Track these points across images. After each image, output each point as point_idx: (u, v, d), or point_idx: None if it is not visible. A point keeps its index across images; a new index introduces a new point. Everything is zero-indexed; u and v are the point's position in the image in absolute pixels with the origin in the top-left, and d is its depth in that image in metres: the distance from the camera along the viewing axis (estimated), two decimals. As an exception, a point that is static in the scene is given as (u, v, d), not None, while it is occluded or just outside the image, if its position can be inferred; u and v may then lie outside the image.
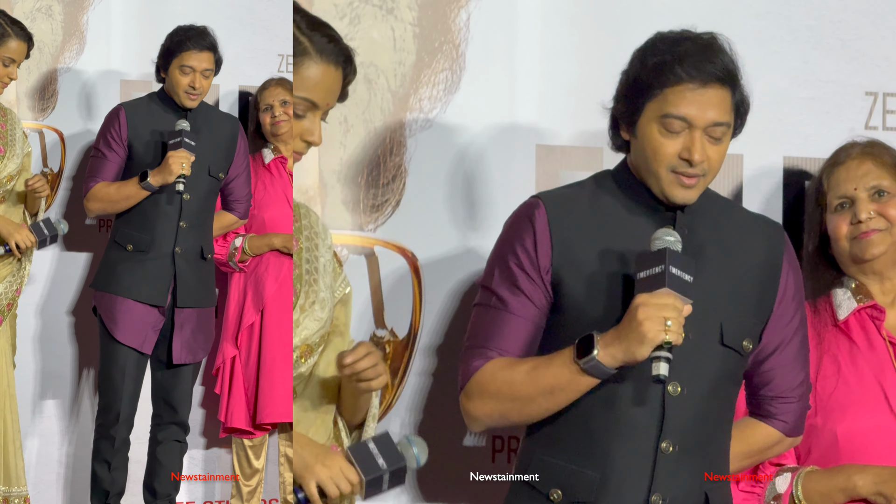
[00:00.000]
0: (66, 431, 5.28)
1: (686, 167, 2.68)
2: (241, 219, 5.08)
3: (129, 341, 4.75)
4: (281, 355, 5.03)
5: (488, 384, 2.71)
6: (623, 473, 2.68)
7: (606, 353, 2.59)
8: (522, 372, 2.68)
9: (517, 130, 3.45)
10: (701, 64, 2.67)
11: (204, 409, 5.27)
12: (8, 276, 4.79)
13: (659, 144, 2.69)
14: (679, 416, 2.69)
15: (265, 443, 5.19)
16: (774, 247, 2.86)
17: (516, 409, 2.70)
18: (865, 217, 3.11)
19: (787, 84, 3.48)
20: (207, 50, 4.80)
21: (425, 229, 3.43)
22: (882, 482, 2.95)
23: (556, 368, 2.65)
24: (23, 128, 4.95)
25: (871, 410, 3.04)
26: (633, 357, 2.57)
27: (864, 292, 3.16)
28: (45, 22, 5.37)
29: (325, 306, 2.83)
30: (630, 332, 2.56)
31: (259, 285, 5.08)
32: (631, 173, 2.80)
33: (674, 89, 2.67)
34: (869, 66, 3.50)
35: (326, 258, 2.92)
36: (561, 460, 2.72)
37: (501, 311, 2.76)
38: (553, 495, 2.71)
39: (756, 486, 3.06)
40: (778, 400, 2.89)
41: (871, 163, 3.15)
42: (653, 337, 2.54)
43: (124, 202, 4.75)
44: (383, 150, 3.45)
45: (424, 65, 3.45)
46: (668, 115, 2.67)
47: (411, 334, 3.43)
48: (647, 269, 2.61)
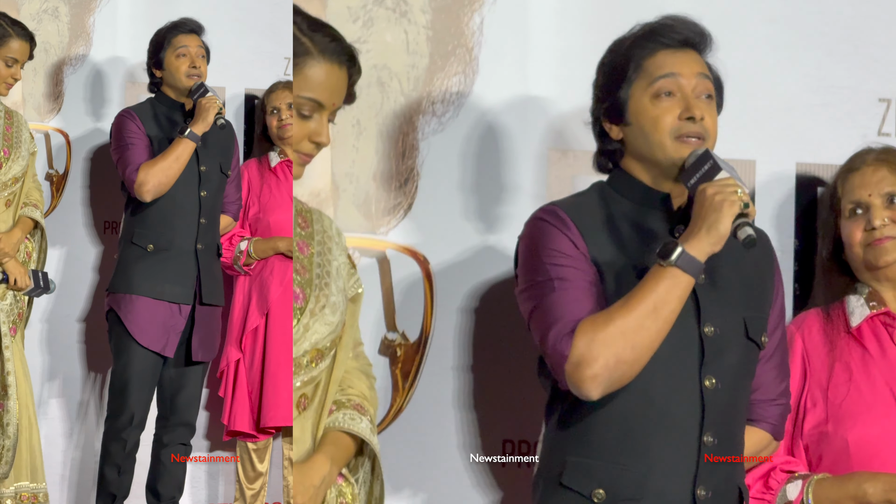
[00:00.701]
0: (71, 433, 5.28)
1: (689, 126, 2.72)
2: (235, 220, 5.09)
3: (150, 344, 4.74)
4: (285, 359, 5.03)
5: (593, 337, 2.60)
6: (667, 468, 2.68)
7: (691, 245, 2.59)
8: (619, 308, 2.61)
9: (530, 134, 3.45)
10: (670, 30, 2.78)
11: (208, 412, 5.27)
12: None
13: (656, 114, 2.74)
14: (716, 409, 2.71)
15: (269, 446, 5.18)
16: (767, 252, 2.91)
17: (629, 345, 2.58)
18: (879, 224, 3.11)
19: (800, 90, 3.48)
20: (194, 32, 4.83)
21: (437, 232, 3.42)
22: (892, 490, 2.95)
23: (650, 286, 2.60)
24: (30, 129, 4.96)
25: (883, 418, 3.04)
26: (718, 232, 2.58)
27: (877, 299, 3.16)
28: (51, 23, 5.37)
29: (337, 310, 2.82)
30: (705, 211, 2.59)
31: (264, 289, 5.08)
32: (628, 175, 2.82)
33: (652, 59, 2.76)
34: (882, 72, 3.50)
35: (340, 261, 2.91)
36: (600, 460, 2.69)
37: (566, 290, 2.68)
38: (596, 496, 2.67)
39: (767, 492, 3.05)
40: (767, 403, 2.91)
41: (886, 169, 3.15)
42: (729, 205, 2.58)
43: (176, 164, 4.72)
44: (396, 153, 3.45)
45: (437, 68, 3.45)
46: (656, 79, 2.74)
47: (423, 337, 3.43)
48: (696, 174, 2.66)
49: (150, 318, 4.75)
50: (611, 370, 2.59)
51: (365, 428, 2.84)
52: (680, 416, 2.69)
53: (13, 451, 4.64)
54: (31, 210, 4.86)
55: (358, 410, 2.86)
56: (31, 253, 4.90)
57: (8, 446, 4.62)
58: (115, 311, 4.77)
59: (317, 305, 2.77)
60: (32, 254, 4.91)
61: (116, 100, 5.30)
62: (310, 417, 2.81)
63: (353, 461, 2.91)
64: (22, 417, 4.68)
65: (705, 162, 2.66)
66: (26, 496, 4.70)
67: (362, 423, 2.85)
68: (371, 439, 2.85)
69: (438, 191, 3.44)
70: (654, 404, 2.68)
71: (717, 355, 2.72)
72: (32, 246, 4.91)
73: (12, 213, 4.85)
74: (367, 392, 2.94)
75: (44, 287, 4.82)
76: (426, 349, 3.43)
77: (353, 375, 2.94)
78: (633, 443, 2.68)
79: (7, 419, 4.62)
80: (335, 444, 2.81)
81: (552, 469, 2.76)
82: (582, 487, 2.70)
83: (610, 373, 2.60)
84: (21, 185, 4.87)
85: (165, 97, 4.86)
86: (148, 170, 4.70)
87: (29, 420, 4.74)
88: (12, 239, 4.78)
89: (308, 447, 2.79)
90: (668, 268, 2.60)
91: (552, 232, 2.74)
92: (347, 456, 2.84)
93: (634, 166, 2.82)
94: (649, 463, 2.67)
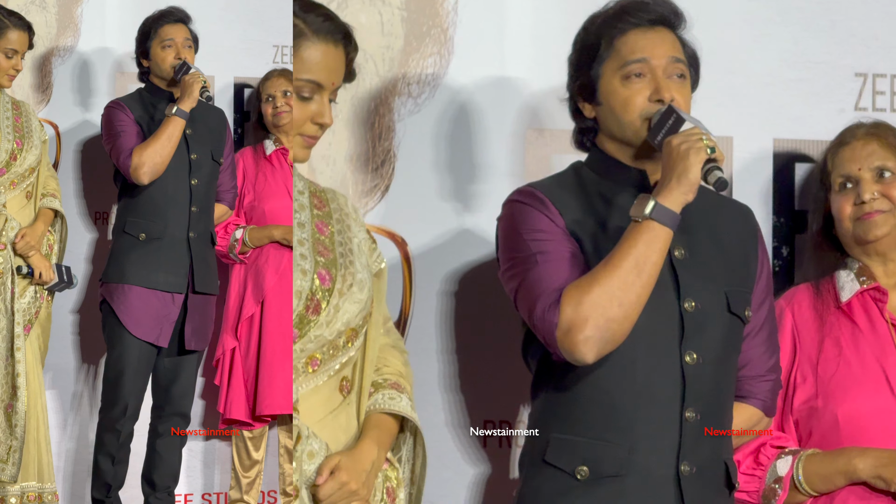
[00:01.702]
0: (66, 424, 5.29)
1: (659, 108, 2.71)
2: (231, 208, 5.09)
3: (144, 335, 4.75)
4: (281, 347, 5.04)
5: (580, 300, 2.58)
6: (651, 444, 2.67)
7: (663, 197, 2.59)
8: (601, 269, 2.60)
9: (506, 114, 3.44)
10: (642, 9, 2.76)
11: (204, 401, 5.27)
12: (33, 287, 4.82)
13: (626, 96, 2.73)
14: (698, 384, 2.70)
15: (265, 434, 5.19)
16: (750, 227, 2.91)
17: (615, 303, 2.57)
18: (869, 197, 3.10)
19: (777, 65, 3.47)
20: (181, 21, 4.82)
21: (415, 214, 3.42)
22: (882, 465, 2.94)
23: (629, 243, 2.59)
24: (38, 118, 4.97)
25: (873, 393, 3.03)
26: (689, 180, 2.59)
27: (867, 274, 3.15)
28: (39, 14, 5.37)
29: (364, 287, 2.79)
30: (673, 162, 2.60)
31: (259, 277, 5.08)
32: (604, 154, 2.82)
33: (623, 39, 2.75)
34: (859, 47, 3.49)
35: (361, 237, 2.90)
36: (584, 437, 2.69)
37: (549, 262, 2.67)
38: (580, 472, 2.67)
39: (757, 468, 3.05)
40: (757, 379, 2.89)
41: (877, 143, 3.14)
42: (696, 151, 2.59)
43: (169, 143, 4.73)
44: (372, 135, 3.44)
45: (412, 49, 3.45)
46: (627, 63, 2.73)
47: (402, 318, 3.43)
48: (661, 130, 2.67)
49: (143, 309, 4.75)
50: (602, 330, 2.58)
51: (406, 406, 2.82)
52: (662, 392, 2.68)
53: (20, 452, 4.64)
54: (50, 200, 4.87)
55: (396, 389, 2.84)
56: (52, 245, 4.91)
57: (15, 447, 4.63)
58: (108, 301, 4.77)
59: (344, 285, 2.74)
60: (55, 245, 4.92)
61: (105, 90, 5.30)
62: (353, 402, 2.79)
63: (395, 440, 2.90)
64: (30, 418, 4.68)
65: (669, 117, 2.67)
66: (32, 496, 4.71)
67: (402, 401, 2.83)
68: (413, 416, 2.83)
69: (415, 172, 3.44)
70: (636, 381, 2.67)
71: (698, 331, 2.71)
72: (54, 238, 4.92)
73: (33, 204, 4.86)
74: (402, 368, 2.92)
75: (67, 281, 4.84)
76: (406, 331, 3.43)
77: (387, 352, 2.92)
78: (616, 420, 2.67)
79: (15, 420, 4.62)
80: (379, 428, 2.79)
81: (536, 447, 2.76)
82: (565, 464, 2.70)
83: (602, 333, 2.58)
84: (37, 175, 4.89)
85: (154, 86, 4.86)
86: (142, 152, 4.70)
87: (38, 420, 4.74)
88: (36, 232, 4.79)
89: (355, 433, 2.77)
90: (644, 222, 2.59)
91: (530, 211, 2.73)
92: (392, 437, 2.83)
93: (609, 144, 2.81)
94: (633, 440, 2.67)
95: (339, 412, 2.74)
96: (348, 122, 3.43)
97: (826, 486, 3.00)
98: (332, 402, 2.73)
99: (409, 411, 2.83)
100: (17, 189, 4.81)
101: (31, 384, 4.69)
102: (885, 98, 3.50)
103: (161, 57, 4.80)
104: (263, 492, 5.24)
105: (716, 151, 2.61)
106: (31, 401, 4.69)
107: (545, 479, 2.73)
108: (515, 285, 2.74)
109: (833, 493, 3.00)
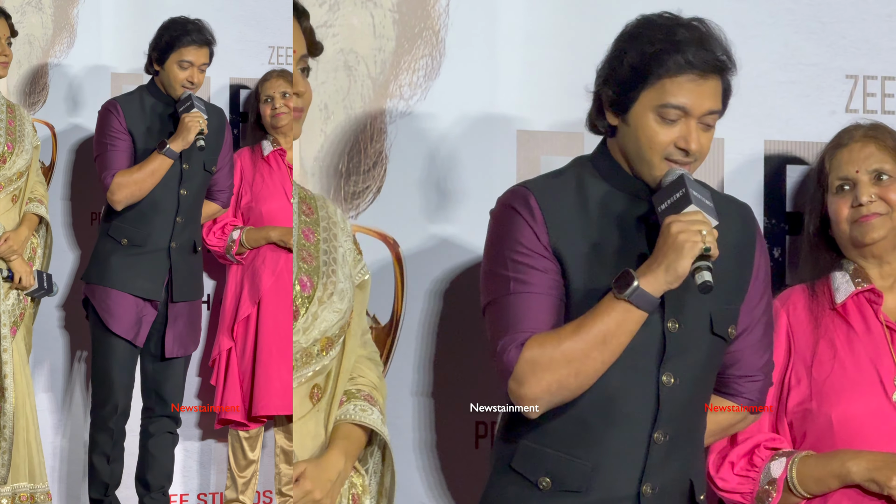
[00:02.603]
0: (59, 424, 5.29)
1: (681, 156, 2.67)
2: (224, 207, 5.09)
3: (124, 333, 4.76)
4: (277, 348, 5.04)
5: (538, 359, 2.58)
6: (615, 462, 2.67)
7: (647, 281, 2.56)
8: (569, 333, 2.59)
9: (498, 116, 3.44)
10: (701, 53, 2.65)
11: (200, 401, 5.28)
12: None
13: (654, 133, 2.67)
14: (672, 406, 2.69)
15: (260, 435, 5.19)
16: (747, 227, 2.87)
17: (573, 372, 2.58)
18: (866, 200, 3.09)
19: (768, 67, 3.47)
20: (206, 45, 4.80)
21: (407, 215, 3.42)
22: (876, 469, 2.94)
23: (601, 315, 2.58)
24: (31, 122, 4.97)
25: (867, 395, 3.02)
26: (676, 273, 2.55)
27: (862, 276, 3.14)
28: (35, 16, 5.37)
29: (345, 297, 2.80)
30: (667, 249, 2.56)
31: (256, 278, 5.09)
32: (612, 159, 2.77)
33: (673, 79, 2.65)
34: (849, 48, 3.49)
35: (346, 247, 2.91)
36: (551, 448, 2.69)
37: (523, 294, 2.66)
38: (542, 483, 2.68)
39: (751, 470, 3.05)
40: (745, 379, 2.89)
41: (874, 146, 3.13)
42: (690, 246, 2.54)
43: (151, 178, 4.73)
44: (364, 136, 3.45)
45: (404, 51, 3.45)
46: (667, 105, 2.65)
47: (394, 321, 3.43)
48: (667, 199, 2.63)
49: (121, 308, 4.77)
50: (552, 394, 2.60)
51: (376, 419, 2.83)
52: (634, 411, 2.67)
53: (9, 453, 4.64)
54: (36, 206, 4.86)
55: (368, 401, 2.85)
56: (36, 249, 4.91)
57: (4, 448, 4.63)
58: (91, 300, 4.79)
59: (325, 293, 2.76)
60: (38, 250, 4.91)
61: (101, 92, 5.30)
62: (323, 409, 2.80)
63: (362, 452, 2.90)
64: (18, 419, 4.68)
65: (678, 189, 2.63)
66: (24, 496, 4.71)
67: (373, 414, 2.84)
68: (382, 430, 2.84)
69: (407, 174, 3.44)
70: (609, 398, 2.66)
71: (679, 351, 2.69)
72: (38, 242, 4.91)
73: (18, 208, 4.86)
74: (376, 381, 2.93)
75: (47, 289, 4.83)
76: (398, 332, 3.43)
77: (363, 364, 2.93)
78: (585, 435, 2.67)
79: (3, 421, 4.62)
80: (348, 439, 2.80)
81: (505, 451, 2.76)
82: (529, 473, 2.70)
83: (551, 396, 2.60)
84: (25, 179, 4.88)
85: (158, 90, 4.86)
86: (121, 180, 4.70)
87: (27, 420, 4.74)
88: (20, 237, 4.78)
89: (322, 441, 2.79)
90: (620, 301, 2.58)
91: (518, 222, 2.70)
92: (360, 448, 2.84)
93: (619, 154, 2.77)
94: (598, 456, 2.67)
95: (308, 419, 2.75)
96: (340, 124, 3.43)
97: (820, 488, 2.99)
98: (302, 409, 2.74)
99: (380, 425, 2.83)
100: (4, 192, 4.80)
101: (18, 385, 4.69)
102: (875, 100, 3.50)
103: (174, 74, 4.78)
104: (259, 492, 5.25)
105: (711, 250, 2.56)
106: (19, 401, 4.68)
107: (509, 484, 2.73)
108: (487, 299, 2.73)
109: (826, 496, 3.00)
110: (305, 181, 3.41)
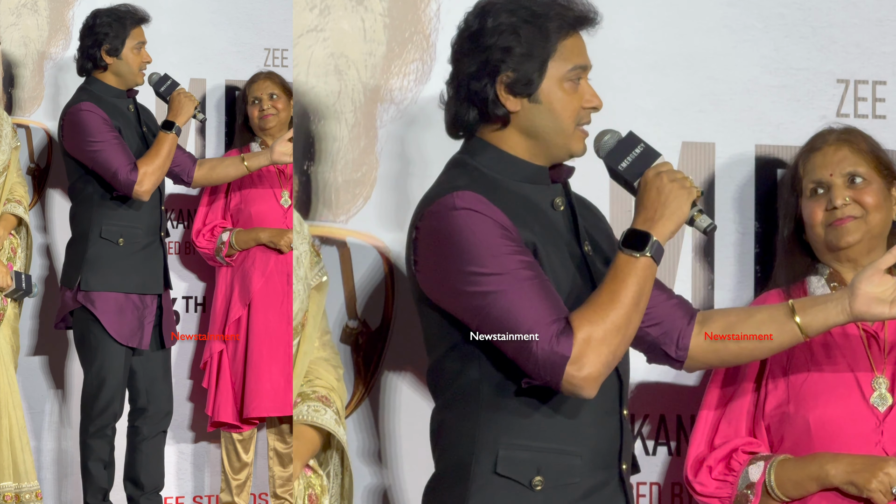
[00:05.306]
0: (53, 428, 5.29)
1: (588, 116, 2.70)
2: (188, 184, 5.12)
3: (127, 340, 4.76)
4: (268, 350, 5.05)
5: (593, 335, 2.52)
6: (599, 447, 2.68)
7: (659, 234, 2.59)
8: (607, 303, 2.55)
9: (488, 120, 3.44)
10: (579, 8, 2.69)
11: (192, 403, 5.29)
12: None
13: (568, 101, 2.67)
14: (627, 377, 2.75)
15: (254, 437, 5.20)
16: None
17: (624, 340, 2.56)
18: (841, 203, 3.10)
19: (759, 72, 3.47)
20: (144, 21, 4.85)
21: (397, 220, 3.42)
22: (854, 472, 2.94)
23: (627, 278, 2.56)
24: (11, 123, 4.96)
25: (844, 398, 3.03)
26: (680, 219, 2.60)
27: (838, 280, 3.15)
28: (30, 17, 5.38)
29: (298, 298, 2.81)
30: (664, 198, 2.59)
31: (246, 280, 5.10)
32: (500, 150, 2.71)
33: (566, 42, 2.67)
34: (840, 53, 3.49)
35: (301, 250, 2.91)
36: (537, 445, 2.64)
37: (536, 280, 2.57)
38: (535, 483, 2.62)
39: (729, 474, 3.06)
40: (680, 312, 2.92)
41: (848, 149, 3.14)
42: (687, 192, 2.60)
43: (169, 161, 4.79)
44: (354, 141, 3.45)
45: (395, 55, 3.45)
46: (575, 68, 2.67)
47: (384, 325, 3.43)
48: (626, 156, 2.67)
49: (124, 314, 4.76)
50: (609, 368, 2.56)
51: (330, 419, 2.83)
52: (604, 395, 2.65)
53: None
54: (13, 206, 4.84)
55: (323, 402, 2.85)
56: (15, 249, 4.90)
57: None
58: (90, 309, 4.75)
59: None
60: (18, 251, 4.90)
61: (96, 93, 5.29)
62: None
63: (322, 454, 2.90)
64: (1, 418, 4.68)
65: (635, 145, 2.66)
66: (9, 496, 4.70)
67: (326, 414, 2.84)
68: (336, 431, 2.83)
69: (398, 178, 3.44)
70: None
71: None
72: (17, 243, 4.90)
73: None
74: (334, 383, 2.93)
75: (25, 290, 4.79)
76: (389, 337, 3.43)
77: (320, 366, 2.93)
78: (568, 425, 2.64)
79: None
80: (298, 439, 2.80)
81: (481, 460, 2.65)
82: (520, 476, 2.63)
83: (607, 370, 2.56)
84: (4, 180, 4.87)
85: (106, 86, 4.83)
86: (147, 169, 4.71)
87: (10, 420, 4.73)
88: None
89: None
90: (642, 258, 2.57)
91: (488, 221, 2.60)
92: (312, 449, 2.83)
93: (515, 142, 2.71)
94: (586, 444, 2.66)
95: None
96: (330, 129, 3.44)
97: (798, 491, 3.01)
98: None
99: (333, 426, 2.82)
100: (-20, 193, 4.81)
101: (1, 385, 4.69)
102: (866, 104, 3.50)
103: (132, 60, 4.80)
104: (254, 494, 5.26)
105: (700, 195, 2.64)
106: (3, 401, 4.68)
107: (497, 490, 2.64)
108: (481, 303, 2.58)
109: (805, 499, 3.01)
110: (296, 186, 3.41)
